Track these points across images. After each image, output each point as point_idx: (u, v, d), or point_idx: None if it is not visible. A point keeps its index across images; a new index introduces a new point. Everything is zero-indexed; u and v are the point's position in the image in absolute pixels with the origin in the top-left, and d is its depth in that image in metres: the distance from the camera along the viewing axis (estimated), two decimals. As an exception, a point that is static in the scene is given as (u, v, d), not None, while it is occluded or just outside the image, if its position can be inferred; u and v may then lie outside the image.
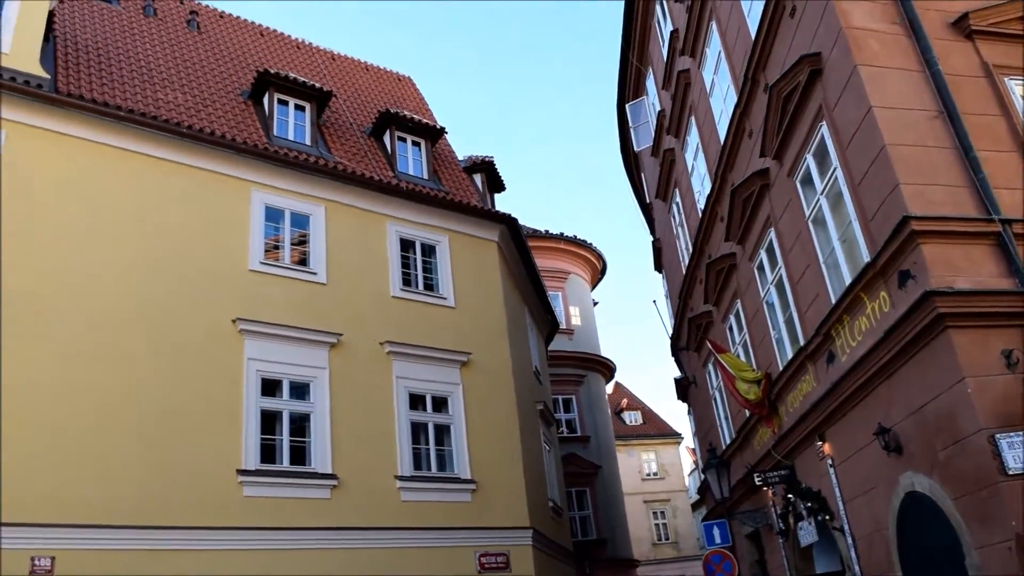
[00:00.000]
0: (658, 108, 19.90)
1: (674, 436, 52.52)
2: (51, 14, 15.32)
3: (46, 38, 15.08)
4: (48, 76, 14.20)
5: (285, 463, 13.83)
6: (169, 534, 12.26)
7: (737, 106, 12.91)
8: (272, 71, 17.68)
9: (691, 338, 18.94)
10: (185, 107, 16.05)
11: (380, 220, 16.94)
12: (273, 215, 15.57)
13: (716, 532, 16.25)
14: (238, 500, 13.08)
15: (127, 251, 13.67)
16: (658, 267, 24.89)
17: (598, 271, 33.92)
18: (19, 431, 11.65)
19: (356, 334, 15.36)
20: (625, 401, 53.91)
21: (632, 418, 52.96)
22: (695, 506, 48.90)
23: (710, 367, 17.65)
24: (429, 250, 17.56)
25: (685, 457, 54.29)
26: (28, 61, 14.04)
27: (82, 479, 11.90)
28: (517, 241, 19.78)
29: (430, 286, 17.17)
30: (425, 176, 18.92)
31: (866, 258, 8.94)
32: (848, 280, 9.61)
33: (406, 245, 17.15)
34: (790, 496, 12.37)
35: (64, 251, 13.07)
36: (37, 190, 13.20)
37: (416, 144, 19.49)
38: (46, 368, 12.22)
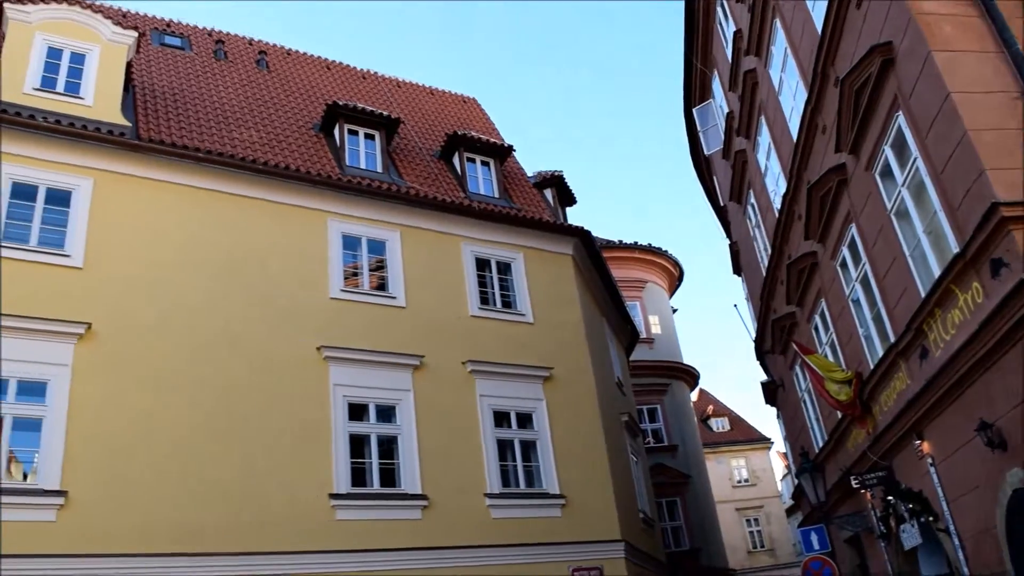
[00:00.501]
0: (726, 110, 19.67)
1: (763, 441, 51.48)
2: (129, 65, 15.99)
3: (125, 88, 15.76)
4: (130, 124, 14.87)
5: (376, 485, 14.04)
6: (265, 559, 12.54)
7: (808, 103, 12.66)
8: (341, 103, 18.11)
9: (776, 341, 18.58)
10: (260, 144, 16.56)
11: (454, 241, 17.13)
12: (350, 243, 15.91)
13: (814, 538, 15.81)
14: (331, 523, 13.32)
15: (215, 286, 14.15)
16: (737, 270, 24.51)
17: (675, 278, 33.55)
18: (118, 462, 12.15)
19: (438, 355, 15.54)
20: (711, 408, 53.12)
21: (719, 425, 52.14)
22: (789, 511, 47.74)
23: (797, 369, 17.27)
24: (505, 268, 17.66)
25: (776, 462, 53.15)
26: (111, 111, 14.76)
27: (181, 507, 12.30)
28: (591, 253, 19.74)
29: (508, 303, 17.27)
30: (496, 195, 19.07)
31: (955, 249, 8.64)
32: (937, 273, 9.29)
33: (482, 264, 17.29)
34: (890, 498, 11.99)
35: (155, 288, 13.60)
36: (127, 233, 13.80)
37: (485, 164, 19.66)
38: (142, 402, 12.71)
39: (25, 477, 11.98)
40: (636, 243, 31.39)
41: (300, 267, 15.09)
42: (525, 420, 16.13)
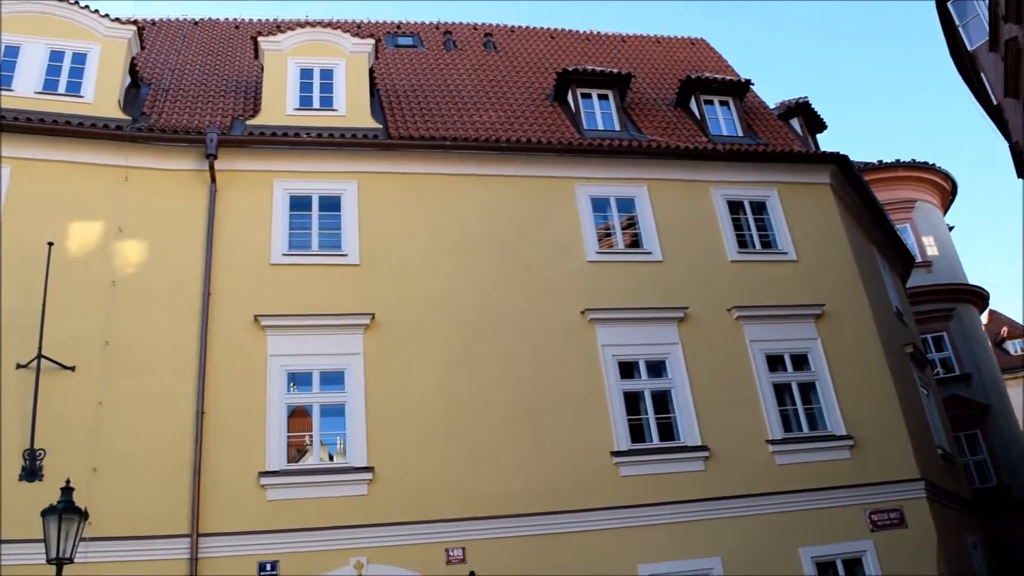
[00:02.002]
0: (989, -3, 17.58)
1: (1072, 361, 46.04)
2: (371, 71, 17.05)
3: (371, 93, 16.84)
4: (380, 126, 15.93)
5: (654, 440, 14.15)
6: (556, 518, 13.12)
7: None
8: (570, 68, 18.27)
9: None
10: (499, 123, 17.10)
11: (703, 187, 16.74)
12: (599, 204, 16.05)
13: None
14: (615, 480, 13.64)
15: (477, 264, 14.87)
16: (1021, 173, 21.95)
17: (948, 193, 30.66)
18: (414, 438, 13.24)
19: (701, 305, 15.33)
20: (1005, 329, 48.20)
21: (1016, 347, 47.24)
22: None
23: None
24: (759, 207, 17.01)
25: (1089, 383, 47.38)
26: (362, 117, 15.93)
27: (479, 476, 13.18)
28: (851, 179, 18.52)
29: (767, 243, 16.64)
30: (740, 133, 18.40)
31: None
32: None
33: (734, 207, 16.77)
34: None
35: (424, 275, 14.54)
36: (392, 227, 14.85)
37: (724, 103, 19.02)
38: (427, 382, 13.72)
39: (331, 458, 13.32)
40: (899, 161, 28.98)
41: (554, 235, 15.46)
42: (800, 362, 15.51)
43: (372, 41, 16.97)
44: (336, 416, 13.42)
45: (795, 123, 19.93)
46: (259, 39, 16.51)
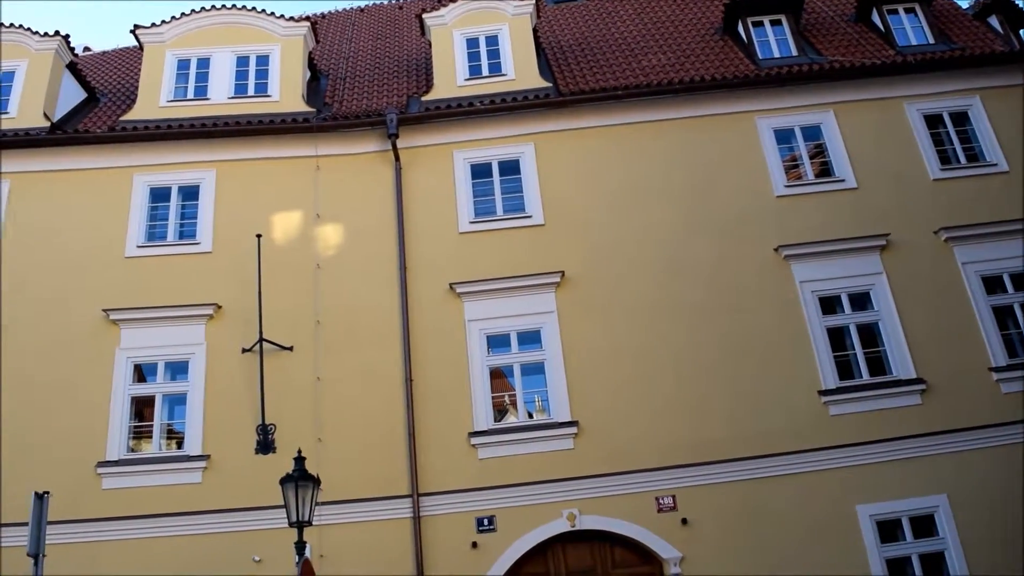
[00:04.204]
0: None
1: None
2: (534, 30, 17.03)
3: (537, 52, 16.83)
4: (550, 84, 15.94)
5: (864, 376, 13.51)
6: (766, 462, 12.90)
7: None
8: (738, -3, 17.47)
9: None
10: (670, 65, 16.66)
11: (895, 105, 15.57)
12: (783, 136, 15.37)
13: None
14: (824, 420, 13.17)
15: (663, 212, 14.67)
16: None
17: None
18: (615, 391, 13.36)
19: (904, 230, 14.35)
20: None
21: None
22: None
23: None
24: (960, 118, 15.64)
25: None
26: (530, 78, 16.04)
27: (683, 423, 13.16)
28: (1069, 74, 16.67)
29: (973, 156, 15.29)
30: (931, 41, 16.95)
31: None
32: None
33: (932, 121, 15.50)
34: None
35: (609, 228, 14.51)
36: (571, 185, 14.91)
37: (910, 10, 17.56)
38: (624, 335, 13.75)
39: (530, 416, 13.63)
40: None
41: (738, 173, 14.96)
42: (1021, 283, 14.24)
43: (532, 1, 16.93)
44: (533, 375, 13.76)
45: (993, 21, 18.12)
46: (423, 16, 16.89)
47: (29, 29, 16.34)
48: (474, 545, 12.47)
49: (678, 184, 14.89)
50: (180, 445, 13.39)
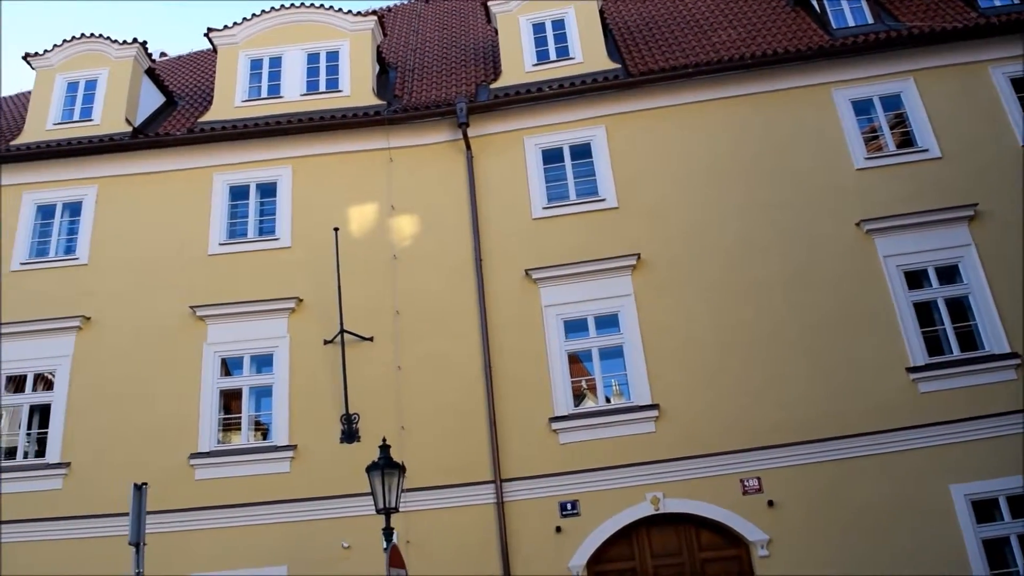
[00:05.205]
0: None
1: None
2: (601, 12, 16.87)
3: (605, 34, 16.67)
4: (618, 65, 15.79)
5: (955, 352, 13.07)
6: (852, 442, 12.60)
7: None
8: (810, -34, 16.99)
9: None
10: (740, 40, 16.33)
11: (980, 69, 14.91)
12: (861, 107, 14.92)
13: None
14: (913, 398, 12.79)
15: (741, 189, 14.42)
16: None
17: None
18: (696, 373, 13.21)
19: (994, 200, 13.71)
20: None
21: None
22: None
23: None
24: (1048, 80, 14.97)
25: None
26: (598, 60, 15.86)
27: (766, 404, 12.94)
28: None
29: (1073, 122, 14.61)
30: (1015, 0, 16.24)
31: None
32: None
33: (1020, 85, 14.80)
34: None
35: (686, 208, 14.35)
36: (644, 167, 14.74)
37: (991, -30, 16.85)
38: (707, 315, 13.59)
39: (607, 400, 13.57)
40: None
41: (814, 147, 14.58)
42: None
43: (597, -18, 16.77)
44: (609, 359, 13.69)
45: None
46: (489, 3, 16.87)
47: (108, 38, 16.90)
48: (558, 530, 12.50)
49: (753, 161, 14.60)
50: (265, 436, 13.77)
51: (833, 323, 13.32)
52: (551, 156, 15.05)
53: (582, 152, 15.01)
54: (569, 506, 12.62)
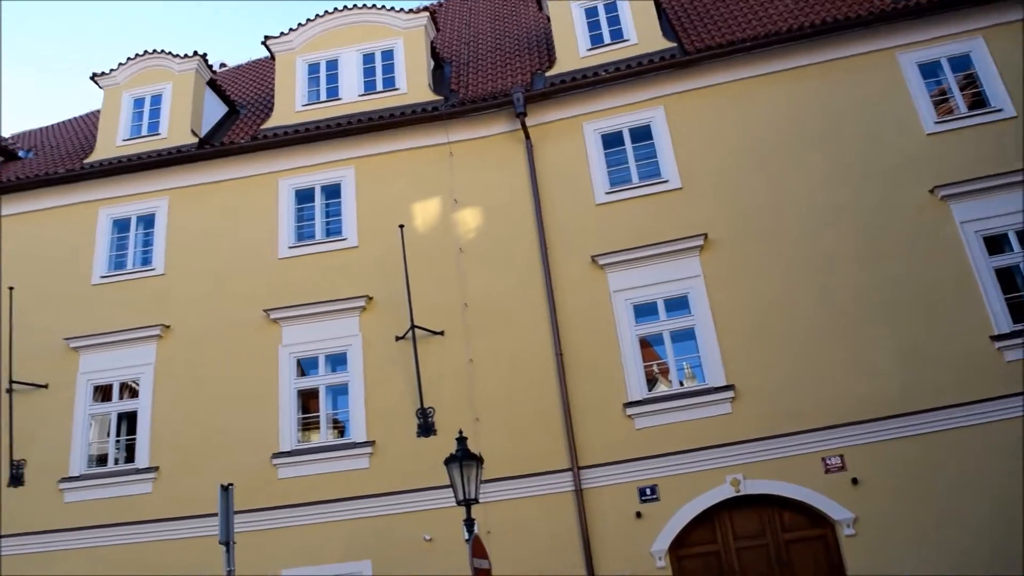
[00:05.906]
0: None
1: None
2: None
3: (658, 13, 16.46)
4: (674, 44, 15.59)
5: (1038, 320, 12.64)
6: (937, 415, 12.28)
7: None
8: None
9: None
10: (797, 9, 15.95)
11: (1055, 22, 14.37)
12: (929, 69, 14.44)
13: None
14: (999, 367, 12.39)
15: (800, 163, 14.13)
16: None
17: None
18: (775, 350, 13.02)
19: (1076, 156, 13.27)
20: None
21: None
22: None
23: None
24: None
25: None
26: (653, 40, 15.66)
27: (843, 380, 12.69)
28: None
29: None
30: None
31: None
32: None
33: (1101, 36, 14.25)
34: None
35: (756, 187, 14.10)
36: (705, 146, 14.57)
37: (1063, -82, 16.13)
38: (779, 292, 13.36)
39: (681, 383, 13.40)
40: None
41: (881, 114, 14.16)
42: None
43: (647, -36, 16.53)
44: (680, 342, 13.56)
45: None
46: (544, -7, 16.82)
47: (169, 52, 17.30)
48: (638, 515, 12.45)
49: (818, 132, 14.27)
50: (342, 433, 14.00)
51: (911, 293, 12.98)
52: (611, 140, 14.96)
53: (642, 134, 14.88)
54: (648, 491, 12.56)
